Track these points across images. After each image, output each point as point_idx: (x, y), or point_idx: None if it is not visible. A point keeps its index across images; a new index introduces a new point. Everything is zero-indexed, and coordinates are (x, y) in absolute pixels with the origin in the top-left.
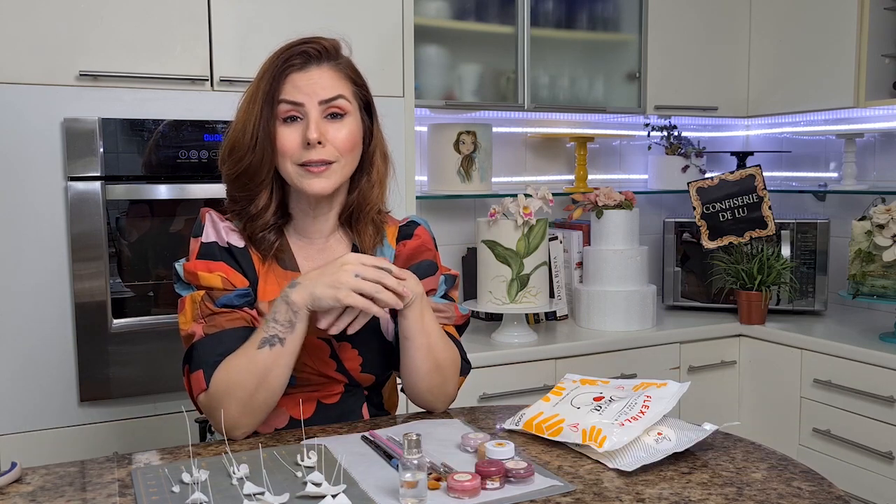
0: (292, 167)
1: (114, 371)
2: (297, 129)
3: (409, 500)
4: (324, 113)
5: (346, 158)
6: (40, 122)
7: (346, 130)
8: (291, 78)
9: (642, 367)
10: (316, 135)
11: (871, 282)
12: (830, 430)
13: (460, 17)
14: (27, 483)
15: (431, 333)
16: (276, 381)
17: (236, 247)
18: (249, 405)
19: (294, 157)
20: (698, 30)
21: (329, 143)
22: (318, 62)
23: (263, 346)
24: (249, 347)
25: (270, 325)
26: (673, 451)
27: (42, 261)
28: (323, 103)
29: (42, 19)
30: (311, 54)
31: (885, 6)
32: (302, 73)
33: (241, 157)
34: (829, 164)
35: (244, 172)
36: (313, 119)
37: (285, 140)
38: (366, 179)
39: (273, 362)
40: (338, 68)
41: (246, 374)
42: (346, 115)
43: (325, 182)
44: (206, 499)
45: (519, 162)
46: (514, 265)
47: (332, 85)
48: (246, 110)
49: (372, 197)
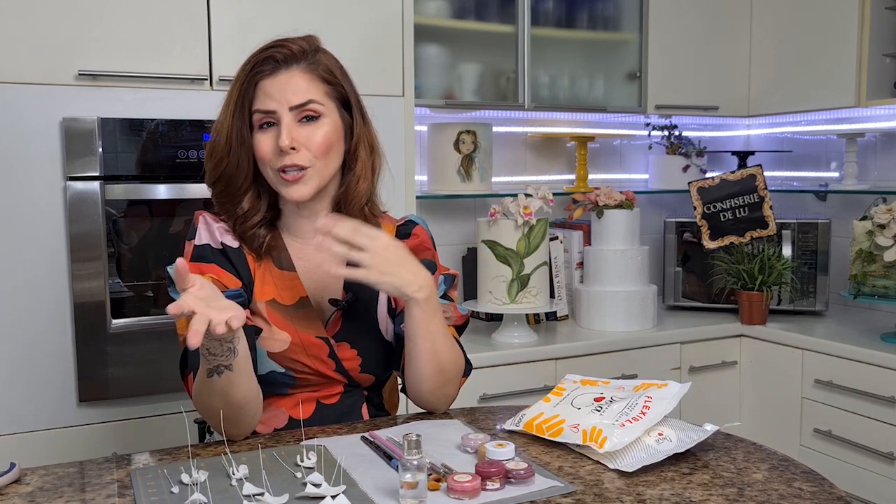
0: (272, 172)
1: (113, 371)
2: (272, 135)
3: (409, 500)
4: (297, 117)
5: (322, 161)
6: (39, 121)
7: (321, 133)
8: (262, 85)
9: (643, 367)
10: (287, 141)
11: (872, 282)
12: (831, 431)
13: (460, 16)
14: (26, 483)
15: (437, 338)
16: (242, 397)
17: (230, 247)
18: (228, 419)
19: (271, 162)
20: (699, 29)
21: (303, 148)
22: (287, 66)
23: (212, 375)
24: (201, 373)
25: (210, 359)
26: (674, 452)
27: (41, 260)
28: (294, 108)
29: (42, 19)
30: (279, 59)
31: (886, 6)
32: (271, 79)
33: (217, 162)
34: (831, 164)
35: (221, 178)
36: (285, 125)
37: (261, 146)
38: (351, 174)
39: (228, 384)
40: (308, 69)
41: (210, 398)
42: (321, 117)
43: (302, 188)
44: (205, 499)
45: (519, 162)
46: (514, 265)
47: (302, 88)
48: (222, 118)
49: (359, 190)
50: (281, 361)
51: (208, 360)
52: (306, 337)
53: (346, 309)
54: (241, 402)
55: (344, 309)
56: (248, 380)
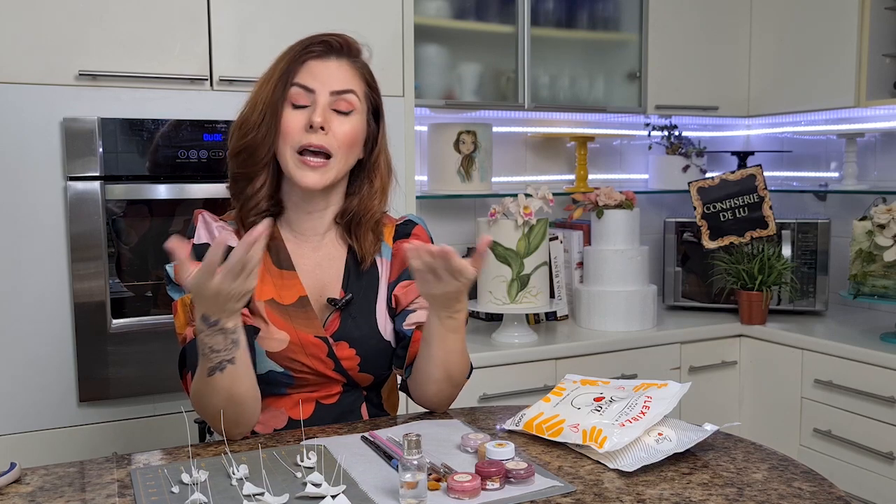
0: (291, 154)
1: (113, 371)
2: (303, 115)
3: (409, 500)
4: (332, 105)
5: (344, 154)
6: (39, 121)
7: (350, 126)
8: (308, 64)
9: (643, 367)
10: (320, 119)
11: (871, 282)
12: (831, 431)
13: (460, 16)
14: (26, 483)
15: (453, 348)
16: (244, 392)
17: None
18: (229, 418)
19: (294, 140)
20: (699, 29)
21: (331, 133)
22: (339, 55)
23: (213, 373)
24: (201, 374)
25: (212, 357)
26: (673, 452)
27: (41, 261)
28: (334, 94)
29: (42, 19)
30: (333, 45)
31: (886, 6)
32: (320, 61)
33: (246, 132)
34: (830, 164)
35: (245, 149)
36: (321, 105)
37: (289, 122)
38: (367, 186)
39: (230, 381)
40: (355, 66)
41: (211, 398)
42: (353, 113)
43: (318, 176)
44: (205, 499)
45: (519, 162)
46: (514, 265)
47: (346, 78)
48: (260, 89)
49: (373, 205)
50: (280, 361)
51: (210, 358)
52: (305, 336)
53: (345, 308)
54: (244, 397)
55: (342, 308)
56: (249, 372)
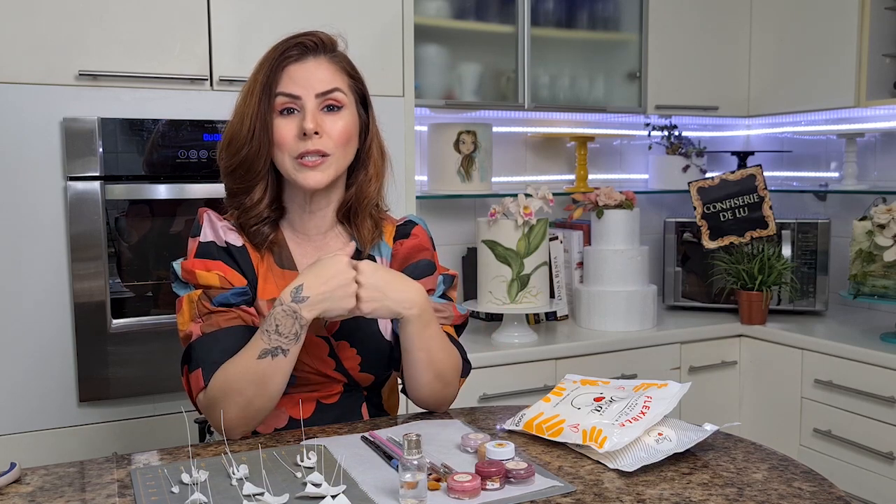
0: (289, 160)
1: (113, 371)
2: (293, 121)
3: (409, 500)
4: (320, 105)
5: (341, 151)
6: (39, 121)
7: (342, 123)
8: (288, 70)
9: (643, 367)
10: (312, 125)
11: (871, 282)
12: (831, 431)
13: (460, 16)
14: (26, 483)
15: (432, 347)
16: (276, 388)
17: (234, 245)
18: (247, 410)
19: (290, 148)
20: (699, 29)
21: (325, 135)
22: (315, 54)
23: (265, 356)
24: (248, 355)
25: (273, 338)
26: (673, 452)
27: (41, 261)
28: (319, 96)
29: (41, 19)
30: (308, 46)
31: (886, 6)
32: (298, 64)
33: (238, 149)
34: (830, 164)
35: (241, 165)
36: (310, 110)
37: (282, 132)
38: (363, 174)
39: (273, 371)
40: (334, 61)
41: (244, 383)
42: (343, 108)
43: (320, 175)
44: (205, 499)
45: (519, 162)
46: (514, 265)
47: (328, 77)
48: (244, 102)
49: (370, 191)
50: None
51: (271, 338)
52: (307, 335)
53: None
54: (273, 394)
55: None
56: (288, 372)
